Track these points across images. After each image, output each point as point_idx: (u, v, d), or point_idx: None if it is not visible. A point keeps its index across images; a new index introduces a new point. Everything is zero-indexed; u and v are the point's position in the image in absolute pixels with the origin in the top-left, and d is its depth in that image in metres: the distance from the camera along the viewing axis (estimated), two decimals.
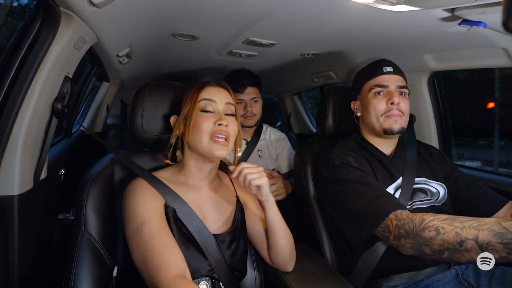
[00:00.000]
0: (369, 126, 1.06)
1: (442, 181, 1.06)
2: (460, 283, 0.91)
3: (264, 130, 1.66)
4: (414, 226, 0.77)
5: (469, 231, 0.69)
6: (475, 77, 1.98)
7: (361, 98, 1.09)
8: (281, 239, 0.86)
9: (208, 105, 0.79)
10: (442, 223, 0.73)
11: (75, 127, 2.10)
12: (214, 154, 0.76)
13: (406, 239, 0.78)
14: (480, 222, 0.70)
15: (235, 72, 1.55)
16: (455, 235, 0.70)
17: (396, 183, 1.00)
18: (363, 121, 1.10)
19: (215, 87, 0.83)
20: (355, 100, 1.13)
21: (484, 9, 0.80)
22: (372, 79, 1.05)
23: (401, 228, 0.79)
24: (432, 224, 0.74)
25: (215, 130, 0.77)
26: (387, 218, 0.82)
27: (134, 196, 0.74)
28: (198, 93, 0.80)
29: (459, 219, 0.73)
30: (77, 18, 0.82)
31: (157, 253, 0.67)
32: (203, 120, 0.77)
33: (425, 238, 0.74)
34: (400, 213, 0.82)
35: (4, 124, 0.77)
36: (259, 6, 0.95)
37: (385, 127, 1.01)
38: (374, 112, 1.02)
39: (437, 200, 1.01)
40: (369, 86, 1.05)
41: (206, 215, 0.82)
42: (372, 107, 1.03)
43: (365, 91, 1.06)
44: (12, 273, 0.81)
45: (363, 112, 1.08)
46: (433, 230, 0.73)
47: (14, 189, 0.80)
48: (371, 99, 1.03)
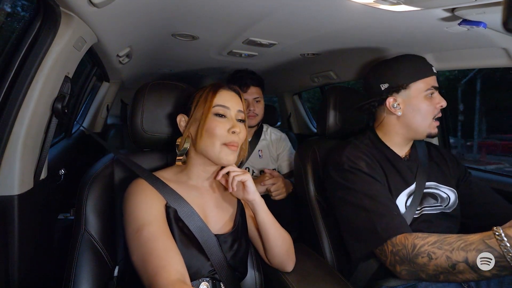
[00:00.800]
0: (413, 126, 0.97)
1: (454, 186, 1.03)
2: (459, 284, 0.91)
3: (264, 130, 1.66)
4: (407, 253, 0.77)
5: (458, 254, 0.70)
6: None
7: (409, 97, 0.96)
8: (274, 239, 0.86)
9: (222, 110, 0.79)
10: (432, 247, 0.74)
11: (75, 127, 2.10)
12: (222, 161, 0.78)
13: (401, 266, 0.78)
14: (467, 242, 0.70)
15: (238, 72, 1.55)
16: (446, 259, 0.71)
17: (409, 189, 0.96)
18: (403, 121, 0.98)
19: (228, 91, 0.82)
20: (392, 96, 0.98)
21: (484, 9, 0.80)
22: (427, 78, 0.95)
23: (396, 255, 0.79)
24: (424, 250, 0.74)
25: (229, 139, 0.77)
26: (385, 243, 0.81)
27: (134, 198, 0.74)
28: (213, 96, 0.79)
29: (446, 241, 0.73)
30: (77, 18, 0.82)
31: (157, 256, 0.66)
32: (217, 125, 0.77)
33: (419, 265, 0.75)
34: (395, 239, 0.80)
35: (4, 124, 0.77)
36: (259, 6, 0.95)
37: (431, 130, 0.97)
38: (427, 114, 0.95)
39: (447, 206, 0.99)
40: (424, 85, 0.95)
41: (208, 215, 0.82)
42: (425, 109, 0.95)
43: (418, 90, 0.95)
44: (12, 273, 0.81)
45: (410, 112, 0.96)
46: (425, 256, 0.74)
47: (14, 189, 0.80)
48: (425, 100, 0.95)
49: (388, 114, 1.01)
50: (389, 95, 0.98)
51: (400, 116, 0.98)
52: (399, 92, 0.97)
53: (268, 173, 1.41)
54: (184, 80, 1.50)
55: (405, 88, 0.96)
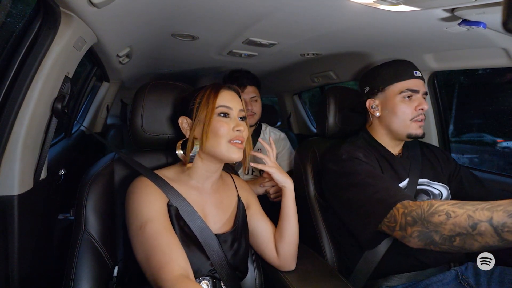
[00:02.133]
0: (391, 128, 1.03)
1: (446, 183, 1.06)
2: (460, 284, 0.91)
3: (263, 130, 1.66)
4: (422, 212, 0.72)
5: (482, 213, 0.64)
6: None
7: (385, 99, 1.03)
8: (291, 227, 0.92)
9: (225, 110, 0.81)
10: (453, 207, 0.69)
11: (75, 127, 2.10)
12: (231, 158, 0.79)
13: (413, 227, 0.73)
14: (493, 204, 0.65)
15: (234, 72, 1.57)
16: (467, 218, 0.65)
17: (402, 184, 1.00)
18: (382, 122, 1.05)
19: (228, 90, 0.84)
20: (371, 98, 1.06)
21: (484, 9, 0.80)
22: (403, 81, 1.00)
23: (408, 216, 0.74)
24: (442, 208, 0.70)
25: (234, 136, 0.79)
26: (395, 207, 0.78)
27: (137, 195, 0.74)
28: (215, 97, 0.80)
29: (470, 203, 0.68)
30: (77, 18, 0.82)
31: (160, 252, 0.67)
32: (222, 125, 0.79)
33: (435, 224, 0.69)
34: (407, 202, 0.78)
35: (4, 124, 0.77)
36: (259, 6, 0.95)
37: (411, 131, 1.00)
38: (403, 116, 1.00)
39: None
40: (399, 88, 1.00)
41: (208, 215, 0.83)
42: (401, 111, 1.00)
43: (393, 92, 1.01)
44: (12, 273, 0.81)
45: (386, 113, 1.03)
46: (443, 214, 0.69)
47: (14, 189, 0.80)
48: (400, 103, 1.00)
49: (372, 116, 1.08)
50: (369, 97, 1.07)
51: (380, 117, 1.06)
52: (377, 94, 1.05)
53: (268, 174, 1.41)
54: (184, 80, 1.50)
55: (381, 91, 1.04)
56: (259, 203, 0.97)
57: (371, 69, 1.11)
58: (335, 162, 1.00)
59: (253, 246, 0.96)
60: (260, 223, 0.93)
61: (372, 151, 1.04)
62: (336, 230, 1.07)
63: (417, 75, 1.01)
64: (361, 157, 0.97)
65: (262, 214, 0.95)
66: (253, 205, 0.94)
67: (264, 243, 0.93)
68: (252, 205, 0.94)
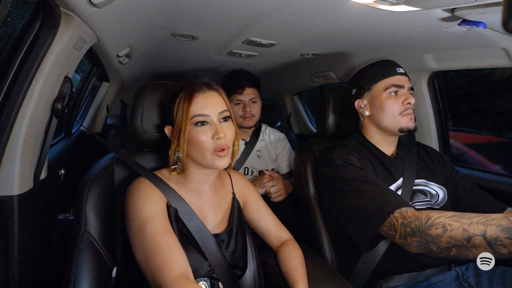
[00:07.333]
0: (382, 125, 1.04)
1: (442, 184, 1.06)
2: (460, 284, 0.91)
3: (263, 130, 1.65)
4: (420, 224, 0.76)
5: (477, 227, 0.68)
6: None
7: (372, 97, 1.06)
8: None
9: (201, 120, 0.75)
10: (449, 220, 0.72)
11: (75, 127, 2.10)
12: (217, 167, 0.77)
13: (412, 238, 0.77)
14: (488, 217, 0.69)
15: (234, 72, 1.53)
16: (463, 232, 0.69)
17: (397, 184, 1.00)
18: (372, 120, 1.07)
19: (204, 93, 0.77)
20: (359, 99, 1.09)
21: (484, 9, 0.80)
22: (387, 78, 1.03)
23: (407, 227, 0.78)
24: (439, 221, 0.73)
25: (216, 145, 0.75)
26: (392, 215, 0.81)
27: (137, 195, 0.74)
28: (189, 106, 0.75)
29: (466, 216, 0.72)
30: (77, 18, 0.82)
31: (160, 252, 0.67)
32: (200, 137, 0.74)
33: (432, 236, 0.73)
34: (405, 211, 0.81)
35: (4, 124, 0.77)
36: (259, 6, 0.95)
37: (402, 125, 1.01)
38: (391, 111, 1.01)
39: (436, 203, 1.01)
40: (384, 85, 1.03)
41: (207, 216, 0.83)
42: (389, 107, 1.02)
43: (379, 90, 1.04)
44: (12, 273, 0.81)
45: (375, 111, 1.05)
46: (440, 227, 0.72)
47: (14, 189, 0.80)
48: (387, 99, 1.02)
49: (363, 116, 1.10)
50: (357, 98, 1.09)
51: (370, 116, 1.08)
52: (364, 94, 1.08)
53: (267, 174, 1.41)
54: (184, 80, 1.50)
55: (368, 90, 1.07)
56: (257, 194, 0.97)
57: (356, 72, 1.14)
58: (329, 167, 1.01)
59: (258, 234, 0.98)
60: (263, 215, 0.95)
61: (365, 152, 1.05)
62: (336, 230, 1.08)
63: (400, 72, 1.04)
64: (355, 161, 0.98)
65: (262, 206, 0.96)
66: (252, 200, 0.95)
67: (267, 233, 0.96)
68: (251, 200, 0.94)
